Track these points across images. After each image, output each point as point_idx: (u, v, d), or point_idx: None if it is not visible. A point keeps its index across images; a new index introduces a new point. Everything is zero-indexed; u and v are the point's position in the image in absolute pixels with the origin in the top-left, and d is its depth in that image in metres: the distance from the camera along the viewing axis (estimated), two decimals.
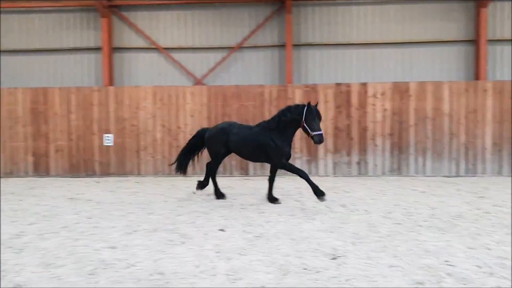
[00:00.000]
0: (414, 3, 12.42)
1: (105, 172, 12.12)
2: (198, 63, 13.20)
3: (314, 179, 11.04)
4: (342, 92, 11.69)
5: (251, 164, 11.87)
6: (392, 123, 11.61)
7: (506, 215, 6.91)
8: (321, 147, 11.73)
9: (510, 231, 5.98)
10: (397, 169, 11.62)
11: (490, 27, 12.07)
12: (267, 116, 11.69)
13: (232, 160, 11.81)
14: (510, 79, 11.94)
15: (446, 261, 4.82)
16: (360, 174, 11.68)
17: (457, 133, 11.47)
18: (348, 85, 11.73)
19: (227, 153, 8.38)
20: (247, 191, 9.41)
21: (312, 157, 11.79)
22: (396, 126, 11.61)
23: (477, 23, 12.01)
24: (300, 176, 7.44)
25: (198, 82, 13.08)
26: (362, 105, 11.68)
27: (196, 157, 8.87)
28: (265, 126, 7.91)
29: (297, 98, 11.70)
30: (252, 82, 12.82)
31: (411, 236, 5.81)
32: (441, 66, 12.33)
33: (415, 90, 11.55)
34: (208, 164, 8.62)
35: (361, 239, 5.66)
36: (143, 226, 6.44)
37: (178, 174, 8.89)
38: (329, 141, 11.70)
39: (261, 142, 7.77)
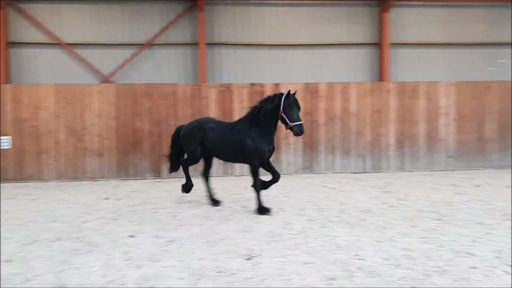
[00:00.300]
0: (323, 6, 12.85)
1: (2, 178, 11.05)
2: (106, 60, 12.54)
3: (229, 179, 11.03)
4: (256, 92, 11.74)
5: (164, 166, 11.50)
6: (304, 123, 11.82)
7: (409, 208, 7.34)
8: None
9: (413, 224, 6.34)
10: (309, 167, 11.93)
11: (393, 31, 12.84)
12: (181, 116, 11.42)
13: (143, 161, 11.35)
14: (411, 80, 12.76)
15: (356, 255, 4.96)
16: None
17: (363, 132, 12.04)
18: (262, 85, 11.81)
19: (205, 152, 7.62)
20: (160, 194, 9.08)
21: None
22: (308, 126, 11.90)
23: (380, 27, 12.72)
24: (254, 189, 7.09)
25: (105, 80, 12.42)
26: None
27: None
28: (242, 121, 7.36)
29: (212, 97, 11.56)
30: (164, 80, 12.44)
31: (323, 232, 5.94)
32: (349, 68, 12.90)
33: (324, 91, 11.94)
34: (182, 163, 7.94)
35: (276, 238, 5.67)
36: (44, 235, 5.92)
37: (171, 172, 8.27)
38: None
39: (237, 140, 7.17)
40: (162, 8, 12.59)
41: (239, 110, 11.59)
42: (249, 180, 10.62)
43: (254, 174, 7.13)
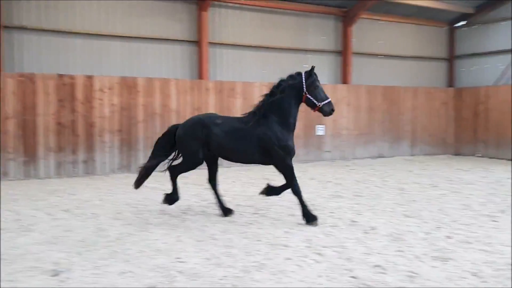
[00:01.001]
0: None
1: None
2: None
3: (32, 182, 9.72)
4: (65, 84, 10.61)
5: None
6: (121, 119, 11.23)
7: (228, 204, 7.41)
8: (40, 145, 10.35)
9: (232, 219, 6.43)
10: (127, 166, 11.31)
11: (211, 30, 12.98)
12: None
13: None
14: (229, 79, 13.10)
15: (177, 258, 4.77)
16: (87, 173, 10.85)
17: None
18: (72, 77, 10.72)
19: (208, 153, 6.37)
20: None
21: (30, 157, 10.28)
22: (125, 122, 11.28)
23: (199, 25, 12.73)
24: (293, 191, 6.05)
25: None
26: (89, 99, 10.87)
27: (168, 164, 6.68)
28: (255, 113, 6.18)
29: (9, 89, 10.02)
30: None
31: (142, 236, 5.59)
32: (168, 64, 12.60)
33: (143, 86, 11.47)
34: (170, 168, 6.60)
35: (88, 247, 5.11)
36: None
37: (134, 187, 6.71)
38: (51, 138, 10.46)
39: (257, 136, 6.04)
40: None
41: (44, 104, 10.33)
42: (57, 183, 9.54)
43: (290, 175, 6.08)
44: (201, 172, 11.45)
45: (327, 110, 6.14)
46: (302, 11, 14.10)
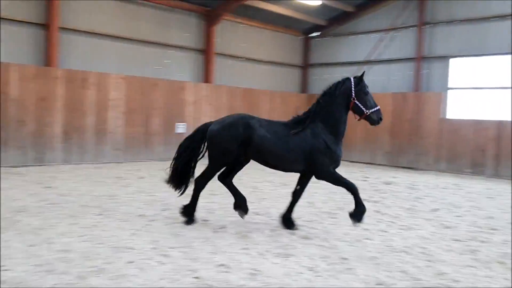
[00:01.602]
0: None
1: None
2: None
3: None
4: None
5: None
6: None
7: (72, 204, 6.91)
8: None
9: (74, 221, 5.93)
10: None
11: (63, 15, 11.81)
12: None
13: None
14: (82, 69, 12.08)
15: (2, 266, 4.19)
16: None
17: (25, 121, 10.75)
18: None
19: (243, 157, 6.02)
20: None
21: None
22: None
23: (49, 7, 11.49)
24: (349, 190, 5.74)
25: None
26: None
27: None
28: (302, 119, 5.88)
29: None
30: None
31: None
32: (10, 47, 11.12)
33: None
34: (198, 181, 6.18)
35: None
36: None
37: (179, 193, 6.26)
38: None
39: (303, 145, 5.71)
40: None
41: None
42: None
43: (337, 181, 5.84)
44: (43, 169, 10.48)
45: (375, 119, 5.87)
46: (164, 5, 13.73)
